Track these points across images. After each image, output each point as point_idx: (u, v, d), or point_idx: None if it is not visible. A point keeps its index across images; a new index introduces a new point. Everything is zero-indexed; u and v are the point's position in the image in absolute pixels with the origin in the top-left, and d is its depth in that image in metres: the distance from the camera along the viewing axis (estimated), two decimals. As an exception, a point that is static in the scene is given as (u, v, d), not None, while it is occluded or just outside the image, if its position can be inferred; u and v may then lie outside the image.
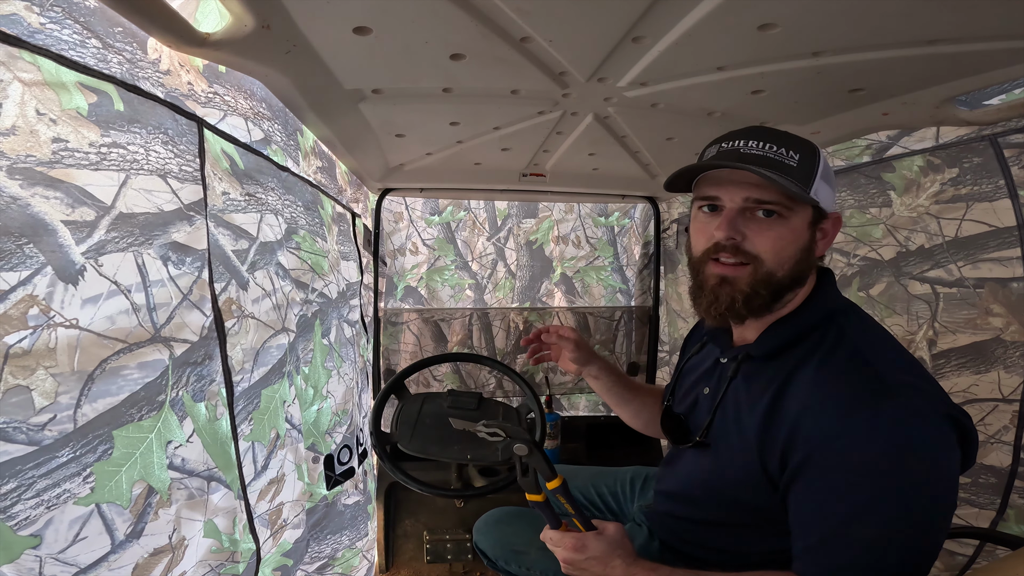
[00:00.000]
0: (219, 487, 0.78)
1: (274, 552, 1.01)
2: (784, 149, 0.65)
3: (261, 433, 0.92)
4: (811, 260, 0.69)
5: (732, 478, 0.72)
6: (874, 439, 0.57)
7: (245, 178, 0.91)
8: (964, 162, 1.09)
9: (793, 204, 0.66)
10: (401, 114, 1.05)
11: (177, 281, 0.71)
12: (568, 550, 0.73)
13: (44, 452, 0.54)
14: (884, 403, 0.58)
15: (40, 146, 0.55)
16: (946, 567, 1.14)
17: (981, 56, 0.72)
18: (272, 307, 0.97)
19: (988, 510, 1.09)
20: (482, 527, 1.09)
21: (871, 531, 0.58)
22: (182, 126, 0.74)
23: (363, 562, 1.47)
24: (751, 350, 0.73)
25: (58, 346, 0.56)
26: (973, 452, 0.61)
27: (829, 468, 0.60)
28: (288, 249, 1.06)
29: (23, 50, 0.53)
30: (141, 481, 0.65)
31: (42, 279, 0.54)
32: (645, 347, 2.04)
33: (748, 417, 0.69)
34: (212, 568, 0.79)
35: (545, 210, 2.08)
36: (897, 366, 0.62)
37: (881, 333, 0.68)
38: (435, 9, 0.63)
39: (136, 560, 0.64)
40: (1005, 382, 1.06)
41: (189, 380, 0.72)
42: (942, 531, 0.59)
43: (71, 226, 0.58)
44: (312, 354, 1.16)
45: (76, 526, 0.57)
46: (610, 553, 0.71)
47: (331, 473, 1.24)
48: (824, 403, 0.61)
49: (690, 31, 0.67)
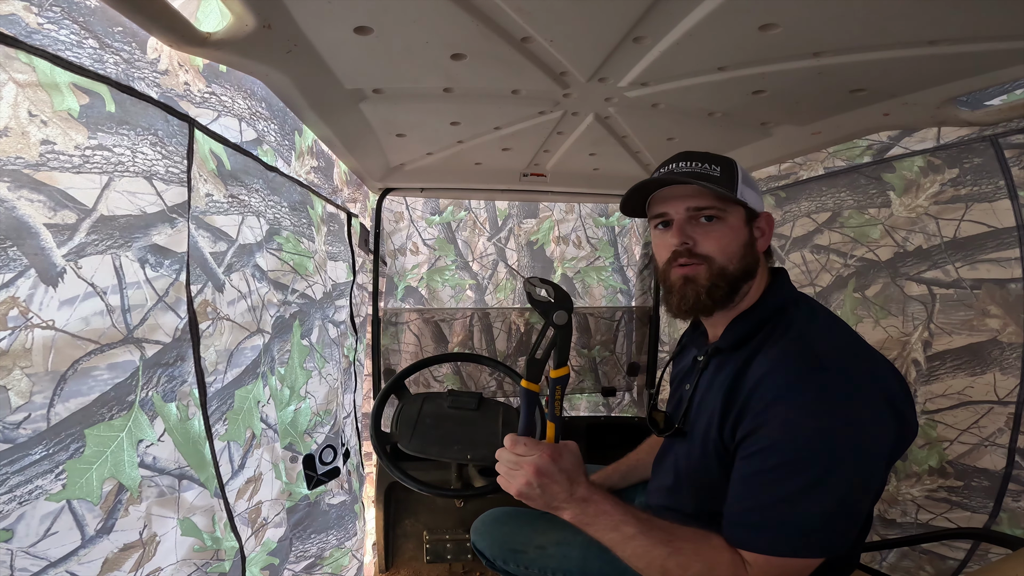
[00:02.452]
0: (192, 485, 0.80)
1: (259, 551, 1.02)
2: (707, 164, 0.78)
3: (236, 433, 0.93)
4: (755, 254, 0.80)
5: (699, 455, 0.78)
6: (804, 407, 0.64)
7: (231, 179, 0.91)
8: (964, 162, 1.09)
9: (725, 206, 0.77)
10: (402, 114, 1.04)
11: (154, 283, 0.72)
12: (542, 457, 0.69)
13: (18, 450, 0.56)
14: (817, 377, 0.66)
15: (29, 148, 0.56)
16: (937, 571, 1.14)
17: (982, 56, 0.72)
18: (247, 309, 0.97)
19: (980, 513, 1.09)
20: (479, 527, 1.10)
21: (784, 490, 0.64)
22: (173, 127, 0.75)
23: (353, 561, 1.47)
24: (718, 343, 0.82)
25: (34, 347, 0.57)
26: (910, 435, 0.69)
27: (764, 435, 0.67)
28: (268, 250, 1.06)
29: (19, 51, 0.53)
30: (111, 478, 0.66)
31: (25, 281, 0.56)
32: (645, 347, 2.04)
33: (713, 399, 0.77)
34: (198, 567, 0.80)
35: (546, 210, 2.08)
36: (834, 348, 0.69)
37: (827, 321, 0.76)
38: (436, 9, 0.63)
39: (106, 555, 0.66)
40: (1001, 384, 1.05)
41: (160, 381, 0.73)
42: (856, 500, 0.65)
43: (53, 229, 0.58)
44: (289, 355, 1.16)
45: (47, 521, 0.59)
46: (577, 471, 0.71)
47: (312, 473, 1.25)
48: (769, 377, 0.69)
49: (691, 31, 0.67)
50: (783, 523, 0.64)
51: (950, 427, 1.14)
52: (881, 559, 1.25)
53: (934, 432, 1.17)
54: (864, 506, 0.67)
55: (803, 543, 0.64)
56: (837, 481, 0.63)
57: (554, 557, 0.96)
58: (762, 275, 0.81)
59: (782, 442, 0.65)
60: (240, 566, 0.92)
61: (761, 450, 0.67)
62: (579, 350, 2.07)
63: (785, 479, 0.64)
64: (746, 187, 0.78)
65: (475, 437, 1.24)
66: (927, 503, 1.18)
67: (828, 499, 0.63)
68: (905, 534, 1.13)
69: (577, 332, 2.06)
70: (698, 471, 0.79)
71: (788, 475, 0.64)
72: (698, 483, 0.81)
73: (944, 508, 1.15)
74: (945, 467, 1.15)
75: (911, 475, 1.21)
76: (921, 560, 1.17)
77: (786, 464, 0.64)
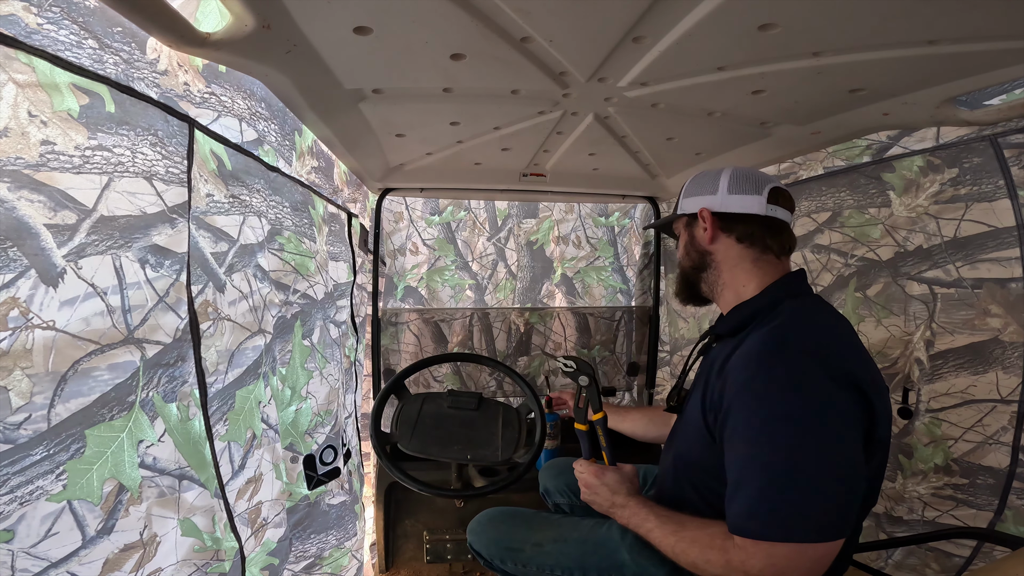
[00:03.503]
0: (192, 486, 0.80)
1: (259, 551, 1.02)
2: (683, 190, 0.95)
3: (237, 433, 0.93)
4: (699, 247, 0.91)
5: (691, 434, 0.83)
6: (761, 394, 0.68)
7: (232, 179, 0.91)
8: (964, 162, 1.09)
9: (676, 224, 0.98)
10: (401, 114, 1.04)
11: (155, 283, 0.72)
12: (590, 475, 0.93)
13: (19, 450, 0.56)
14: (778, 364, 0.69)
15: (29, 148, 0.56)
16: (943, 568, 1.14)
17: (981, 56, 0.72)
18: (249, 309, 0.97)
19: (986, 511, 1.09)
20: (476, 528, 1.10)
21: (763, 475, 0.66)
22: (173, 127, 0.75)
23: (353, 562, 1.47)
24: (715, 330, 0.90)
25: (35, 347, 0.57)
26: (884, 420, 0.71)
27: (739, 415, 0.70)
28: (270, 251, 1.06)
29: (19, 51, 0.53)
30: (112, 479, 0.66)
31: (25, 282, 0.56)
32: (645, 347, 2.04)
33: (700, 382, 0.84)
34: (199, 567, 0.80)
35: (545, 210, 2.08)
36: (802, 336, 0.72)
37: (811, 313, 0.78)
38: (435, 9, 0.63)
39: (106, 555, 0.66)
40: (1003, 383, 1.06)
41: (160, 381, 0.73)
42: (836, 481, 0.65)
43: (53, 229, 0.58)
44: (290, 355, 1.16)
45: (48, 522, 0.59)
46: (619, 484, 0.90)
47: (312, 473, 1.25)
48: (738, 363, 0.74)
49: (690, 31, 0.67)
50: (772, 509, 0.65)
51: (954, 425, 1.14)
52: (887, 556, 1.25)
53: (939, 430, 1.17)
54: (850, 487, 0.66)
55: (789, 526, 0.64)
56: (805, 464, 0.64)
57: (551, 554, 0.96)
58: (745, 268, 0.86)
59: (744, 428, 0.69)
60: (240, 566, 0.92)
61: (732, 435, 0.71)
62: (579, 350, 2.07)
63: (759, 464, 0.67)
64: (686, 198, 0.92)
65: (475, 437, 1.24)
66: (933, 500, 1.18)
67: (804, 481, 0.64)
68: (911, 531, 1.13)
69: (577, 332, 2.06)
70: (689, 451, 0.84)
71: (759, 459, 0.67)
72: (686, 461, 0.84)
73: (950, 505, 1.15)
74: (950, 465, 1.15)
75: (917, 473, 1.21)
76: (927, 558, 1.17)
77: (754, 449, 0.67)
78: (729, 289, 0.88)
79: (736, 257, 0.87)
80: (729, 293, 0.88)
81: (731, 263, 0.87)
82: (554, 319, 2.04)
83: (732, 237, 0.86)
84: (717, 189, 0.87)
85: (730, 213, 0.86)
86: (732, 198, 0.86)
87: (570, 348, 2.06)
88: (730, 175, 0.87)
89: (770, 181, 0.86)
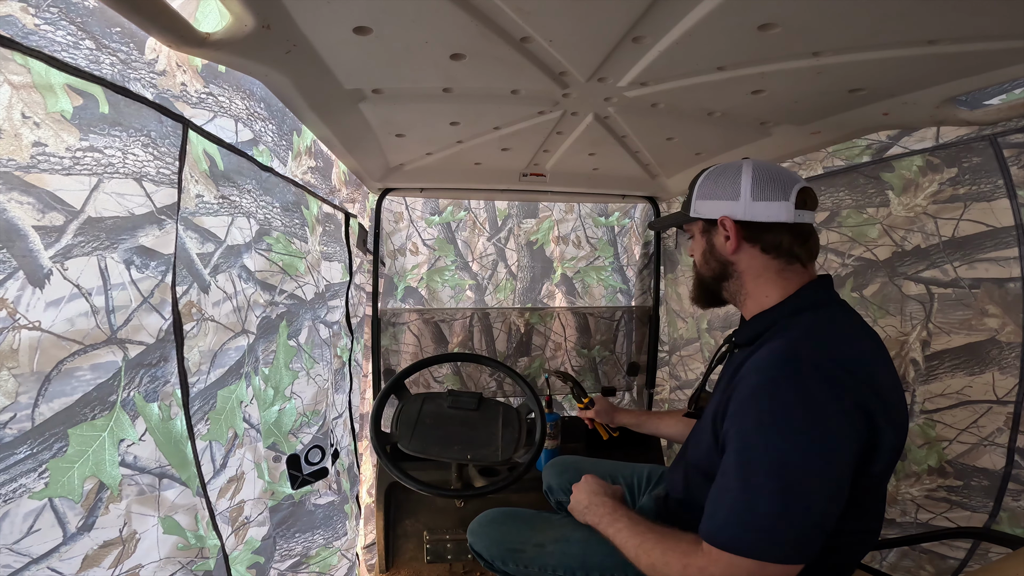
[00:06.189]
0: (173, 484, 0.80)
1: (243, 549, 1.02)
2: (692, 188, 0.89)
3: (219, 433, 0.93)
4: (720, 257, 0.85)
5: (704, 442, 0.81)
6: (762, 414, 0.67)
7: (223, 180, 0.91)
8: (963, 162, 1.09)
9: (690, 225, 0.91)
10: (401, 114, 1.04)
11: (139, 284, 0.72)
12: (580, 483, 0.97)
13: (3, 449, 0.57)
14: (782, 383, 0.67)
15: (21, 150, 0.56)
16: (937, 570, 1.14)
17: (981, 56, 0.72)
18: (233, 309, 0.97)
19: (980, 513, 1.09)
20: (476, 529, 1.10)
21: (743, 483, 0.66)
22: (167, 128, 0.74)
23: (343, 561, 1.47)
24: (737, 338, 0.88)
25: (20, 347, 0.57)
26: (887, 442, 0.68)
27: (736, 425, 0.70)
28: (257, 251, 1.06)
29: (15, 52, 0.53)
30: (92, 477, 0.67)
31: (13, 283, 0.56)
32: (645, 347, 2.05)
33: (721, 389, 0.82)
34: (183, 565, 0.81)
35: (545, 210, 2.08)
36: (822, 355, 0.69)
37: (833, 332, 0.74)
38: (435, 9, 0.63)
39: (86, 551, 0.67)
40: (1000, 384, 1.05)
41: (142, 381, 0.74)
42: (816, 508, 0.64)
43: (41, 231, 0.58)
44: (274, 355, 1.16)
45: (30, 519, 0.60)
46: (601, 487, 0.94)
47: (297, 473, 1.25)
48: (748, 376, 0.71)
49: (690, 31, 0.67)
50: (745, 523, 0.65)
51: (949, 427, 1.14)
52: (881, 559, 1.25)
53: (933, 432, 1.17)
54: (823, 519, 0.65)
55: (759, 544, 0.64)
56: (788, 486, 0.64)
57: (553, 554, 0.96)
58: (769, 278, 0.81)
59: (737, 438, 0.69)
60: (224, 564, 0.93)
61: (727, 442, 0.71)
62: (579, 350, 2.07)
63: (743, 476, 0.67)
64: (701, 200, 0.86)
65: (475, 437, 1.24)
66: (927, 503, 1.18)
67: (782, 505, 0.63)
68: (905, 533, 1.13)
69: (577, 332, 2.06)
70: (699, 457, 0.83)
71: (744, 472, 0.67)
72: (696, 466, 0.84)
73: (944, 508, 1.15)
74: (944, 466, 1.15)
75: (911, 475, 1.21)
76: (921, 560, 1.17)
77: (741, 460, 0.67)
78: (752, 299, 0.84)
79: (760, 267, 0.81)
80: (751, 303, 0.84)
81: (755, 273, 0.82)
82: (554, 319, 2.04)
83: (757, 247, 0.80)
84: (739, 194, 0.80)
85: (755, 222, 0.80)
86: (757, 205, 0.79)
87: (570, 348, 2.06)
88: (752, 176, 0.79)
89: (796, 181, 0.79)
